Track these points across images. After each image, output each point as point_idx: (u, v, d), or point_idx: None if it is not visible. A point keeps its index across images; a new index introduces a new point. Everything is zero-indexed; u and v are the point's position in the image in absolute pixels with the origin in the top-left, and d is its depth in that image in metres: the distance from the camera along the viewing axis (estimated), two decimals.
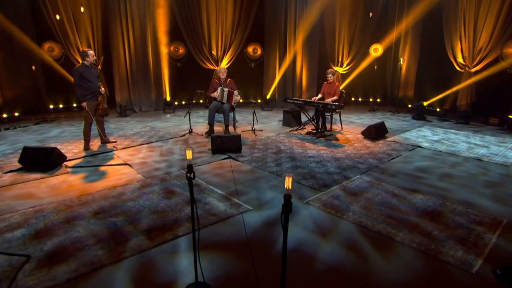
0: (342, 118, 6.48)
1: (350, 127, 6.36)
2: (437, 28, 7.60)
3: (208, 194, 3.32)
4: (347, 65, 9.04)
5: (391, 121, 6.97)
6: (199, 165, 4.12)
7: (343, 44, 8.99)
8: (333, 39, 8.99)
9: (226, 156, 4.40)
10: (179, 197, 3.24)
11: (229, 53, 8.88)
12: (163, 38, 8.37)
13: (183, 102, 9.14)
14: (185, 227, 2.65)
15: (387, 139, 5.37)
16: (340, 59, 9.05)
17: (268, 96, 8.87)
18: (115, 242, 2.42)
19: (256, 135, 5.60)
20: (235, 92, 5.81)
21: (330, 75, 5.73)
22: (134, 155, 4.57)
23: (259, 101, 9.37)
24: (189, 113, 5.79)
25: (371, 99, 9.43)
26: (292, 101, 5.87)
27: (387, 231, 2.55)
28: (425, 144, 5.12)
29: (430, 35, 8.02)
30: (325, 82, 5.90)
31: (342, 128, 6.17)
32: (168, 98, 8.38)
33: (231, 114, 6.22)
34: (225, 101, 5.79)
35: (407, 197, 3.20)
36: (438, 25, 7.52)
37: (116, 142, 5.23)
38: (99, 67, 7.97)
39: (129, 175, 3.81)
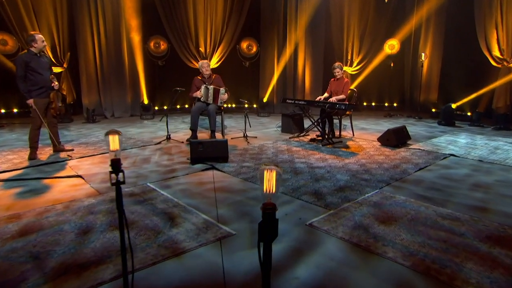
0: (353, 124, 6.18)
1: (363, 134, 6.09)
2: (465, 15, 7.34)
3: (177, 215, 2.79)
4: (358, 64, 8.85)
5: (413, 128, 6.69)
6: (172, 177, 3.70)
7: (353, 39, 8.79)
8: (341, 34, 8.81)
9: (209, 166, 4.04)
10: (137, 218, 2.70)
11: (219, 50, 8.68)
12: (140, 32, 8.15)
13: (165, 107, 8.83)
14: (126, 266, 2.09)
15: (411, 147, 5.04)
16: (349, 57, 8.86)
17: (265, 99, 8.61)
18: None
19: (248, 142, 5.30)
20: (221, 90, 5.48)
21: (337, 70, 5.42)
22: (93, 166, 4.15)
23: (254, 106, 9.13)
24: (166, 117, 5.46)
25: (386, 104, 9.25)
26: (292, 101, 5.54)
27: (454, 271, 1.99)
28: (460, 152, 4.66)
29: (456, 24, 7.77)
30: (332, 79, 5.62)
31: (353, 135, 5.88)
32: (146, 101, 7.99)
33: (219, 118, 5.91)
34: (211, 102, 5.50)
35: (449, 217, 2.67)
36: (467, 11, 7.25)
37: (72, 150, 4.75)
38: (65, 65, 7.62)
39: (79, 190, 3.33)
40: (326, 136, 5.31)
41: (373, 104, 9.43)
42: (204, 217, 2.74)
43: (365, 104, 9.47)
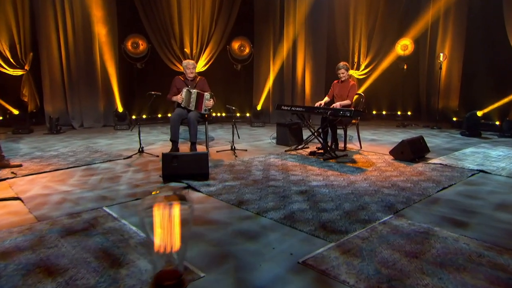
0: (361, 136, 5.96)
1: (373, 146, 5.86)
2: (491, 7, 7.18)
3: (130, 250, 2.39)
4: (366, 67, 8.74)
5: (432, 139, 6.47)
6: (136, 199, 3.35)
7: (360, 38, 8.69)
8: (347, 32, 8.70)
9: (184, 185, 3.73)
10: (77, 255, 2.29)
11: (207, 51, 8.61)
12: (115, 29, 7.97)
13: (144, 116, 8.63)
14: None
15: (430, 161, 4.75)
16: (356, 60, 8.76)
17: (258, 107, 8.41)
18: None
19: (236, 156, 5.04)
20: (206, 95, 5.20)
21: (342, 71, 5.21)
22: (41, 186, 3.80)
23: (247, 114, 8.98)
24: (139, 126, 5.16)
25: (399, 112, 9.09)
26: (289, 108, 5.28)
27: None
28: (490, 168, 4.38)
29: (480, 18, 7.62)
30: (335, 81, 5.43)
31: (361, 147, 5.62)
32: (120, 109, 7.72)
33: (201, 127, 5.67)
34: (192, 108, 5.23)
35: (489, 253, 2.26)
36: (493, 2, 7.12)
37: (20, 166, 4.36)
38: (27, 67, 7.33)
39: (13, 216, 2.94)
40: (329, 149, 5.06)
41: (384, 112, 9.35)
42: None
43: (374, 112, 9.37)
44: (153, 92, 5.22)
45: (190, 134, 5.12)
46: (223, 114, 9.23)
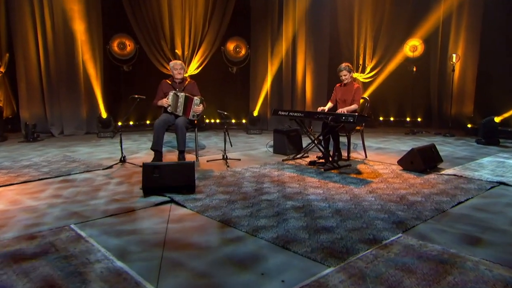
0: (366, 144, 5.88)
1: (379, 155, 5.74)
2: (509, 1, 7.17)
3: (93, 278, 2.18)
4: (372, 70, 8.67)
5: (445, 147, 6.35)
6: (109, 216, 3.16)
7: (365, 39, 8.63)
8: (351, 33, 8.64)
9: (167, 199, 3.56)
10: (27, 285, 2.08)
11: (200, 53, 8.55)
12: (99, 28, 7.92)
13: (131, 122, 8.60)
14: None
15: (443, 172, 4.59)
16: (361, 62, 8.70)
17: (255, 113, 8.29)
18: None
19: (228, 166, 4.91)
20: (195, 99, 5.09)
21: (344, 73, 5.09)
22: (6, 200, 3.62)
23: (243, 121, 8.93)
24: (120, 134, 5.09)
25: (408, 118, 9.08)
26: (286, 113, 5.15)
27: None
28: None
29: (497, 14, 7.52)
30: (338, 85, 5.35)
31: (366, 156, 5.50)
32: (104, 115, 7.61)
33: (191, 135, 5.51)
34: (180, 113, 5.12)
35: None
36: None
37: None
38: (2, 69, 7.18)
39: None
40: (330, 158, 4.91)
41: (392, 118, 9.31)
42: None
43: (381, 119, 9.33)
44: (136, 96, 5.09)
45: (178, 141, 5.00)
46: (217, 121, 9.10)
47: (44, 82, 7.47)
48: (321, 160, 4.98)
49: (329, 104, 5.30)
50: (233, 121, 8.99)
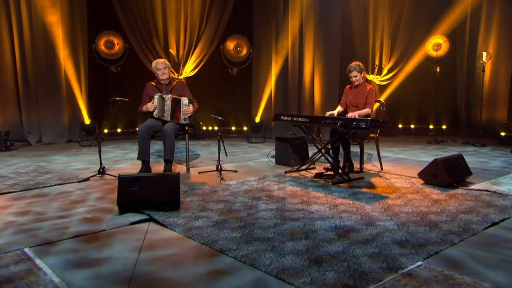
0: (382, 154, 5.80)
1: (397, 167, 5.60)
2: None
3: None
4: (389, 71, 8.58)
5: (474, 159, 6.18)
6: (74, 237, 2.97)
7: (382, 37, 8.53)
8: (365, 30, 8.53)
9: (145, 217, 3.40)
10: None
11: (196, 52, 8.49)
12: (84, 25, 7.91)
13: (119, 130, 8.55)
14: None
15: (472, 187, 4.39)
16: (377, 63, 8.61)
17: (257, 119, 8.23)
18: None
19: (222, 179, 4.81)
20: (183, 100, 5.01)
21: (354, 73, 5.00)
22: None
23: (244, 128, 8.88)
24: (99, 141, 4.91)
25: (431, 126, 8.95)
26: (289, 119, 5.08)
27: None
28: None
29: None
30: (348, 87, 5.28)
31: (381, 168, 5.36)
32: (87, 121, 7.60)
33: (180, 142, 5.61)
34: (168, 118, 5.03)
35: None
36: None
37: None
38: None
39: None
40: (340, 170, 4.76)
41: (412, 126, 9.16)
42: None
43: (400, 126, 9.22)
44: (118, 98, 4.96)
45: (164, 150, 4.91)
46: (216, 128, 9.01)
47: (20, 84, 7.40)
48: (329, 172, 4.85)
49: (339, 108, 5.19)
50: (233, 128, 8.92)
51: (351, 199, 3.93)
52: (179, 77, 8.20)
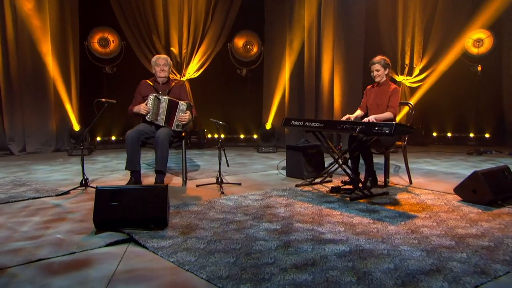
0: (412, 166, 5.76)
1: (429, 180, 5.46)
2: None
3: None
4: (422, 71, 8.54)
5: None
6: (37, 260, 2.81)
7: (413, 32, 8.47)
8: (394, 24, 8.45)
9: (124, 237, 3.27)
10: None
11: (201, 51, 8.53)
12: (75, 20, 7.96)
13: (113, 137, 8.58)
14: None
15: None
16: (407, 62, 8.55)
17: (268, 125, 8.16)
18: None
19: (222, 193, 4.73)
20: (181, 104, 4.92)
21: (377, 67, 4.91)
22: None
23: (254, 136, 8.88)
24: (81, 150, 4.99)
25: (471, 134, 8.88)
26: (301, 123, 4.96)
27: None
28: None
29: None
30: (369, 87, 5.23)
31: (410, 182, 5.24)
32: (76, 128, 7.61)
33: (175, 151, 5.52)
34: (161, 123, 4.94)
35: None
36: None
37: None
38: None
39: None
40: (360, 184, 4.61)
41: (449, 134, 9.16)
42: None
43: (435, 134, 9.21)
44: (104, 99, 4.91)
45: (156, 159, 4.83)
46: (222, 136, 8.93)
47: (2, 86, 7.43)
48: (347, 187, 4.71)
49: (358, 112, 5.11)
50: (242, 136, 8.94)
51: (372, 218, 3.74)
52: (181, 79, 8.21)
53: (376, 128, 4.08)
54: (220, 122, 5.05)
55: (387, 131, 3.98)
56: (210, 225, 3.51)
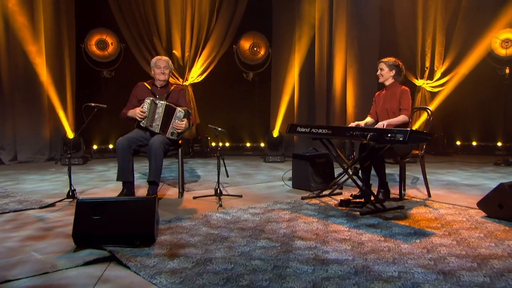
0: (433, 177, 5.80)
1: (451, 193, 5.37)
2: None
3: None
4: (443, 75, 8.46)
5: None
6: (5, 281, 2.71)
7: (434, 33, 8.38)
8: (413, 23, 8.38)
9: (106, 255, 3.16)
10: None
11: (205, 54, 8.54)
12: (71, 21, 8.00)
13: (111, 146, 8.56)
14: None
15: None
16: (427, 65, 8.49)
17: (275, 133, 8.07)
18: None
19: (220, 206, 4.64)
20: (178, 111, 4.82)
21: (381, 66, 4.89)
22: None
23: (262, 144, 8.85)
24: (69, 160, 4.94)
25: (499, 143, 8.78)
26: (307, 130, 4.87)
27: None
28: None
29: None
30: (377, 93, 5.20)
31: (429, 195, 5.12)
32: (70, 135, 7.55)
33: (172, 161, 5.37)
34: (157, 129, 4.84)
35: None
36: None
37: None
38: None
39: None
40: (372, 197, 4.46)
41: (474, 143, 9.07)
42: None
43: (458, 143, 9.10)
44: (93, 104, 4.84)
45: (149, 169, 4.70)
46: (226, 144, 8.90)
47: None
48: (358, 200, 4.59)
49: (368, 119, 5.04)
50: (248, 144, 8.92)
51: (383, 235, 3.58)
52: (184, 83, 8.21)
53: (389, 135, 3.92)
54: (219, 129, 4.94)
55: (400, 139, 3.82)
56: (202, 242, 3.39)
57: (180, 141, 4.98)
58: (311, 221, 3.96)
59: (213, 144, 8.79)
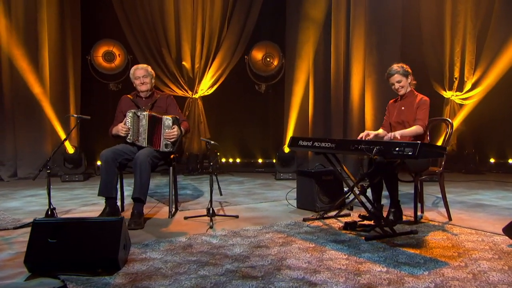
0: (457, 198, 5.56)
1: (475, 217, 4.99)
2: None
3: None
4: (474, 86, 8.11)
5: None
6: None
7: (464, 40, 8.07)
8: (440, 30, 8.11)
9: (59, 284, 2.88)
10: None
11: (215, 65, 8.45)
12: (77, 32, 7.98)
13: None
14: None
15: None
16: (456, 75, 8.15)
17: (286, 148, 7.81)
18: None
19: (211, 227, 4.37)
20: (165, 120, 4.62)
21: (397, 78, 4.53)
22: None
23: (274, 161, 8.58)
24: (48, 175, 4.64)
25: None
26: (309, 144, 4.55)
27: None
28: None
29: None
30: (391, 101, 4.94)
31: (450, 218, 4.73)
32: (70, 150, 7.45)
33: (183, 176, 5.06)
34: (144, 143, 4.65)
35: None
36: None
37: None
38: None
39: None
40: (382, 220, 4.10)
41: (510, 161, 8.58)
42: None
43: (492, 161, 8.75)
44: (76, 115, 4.59)
45: (134, 184, 4.46)
46: (237, 160, 8.59)
47: None
48: (367, 222, 4.21)
49: (380, 131, 4.72)
50: (260, 160, 8.72)
51: (387, 264, 3.17)
52: (193, 96, 8.08)
53: (397, 149, 3.55)
54: (212, 142, 4.64)
55: (410, 153, 3.44)
56: (174, 269, 3.07)
57: (172, 156, 4.75)
58: (306, 247, 3.60)
59: (223, 160, 8.57)
